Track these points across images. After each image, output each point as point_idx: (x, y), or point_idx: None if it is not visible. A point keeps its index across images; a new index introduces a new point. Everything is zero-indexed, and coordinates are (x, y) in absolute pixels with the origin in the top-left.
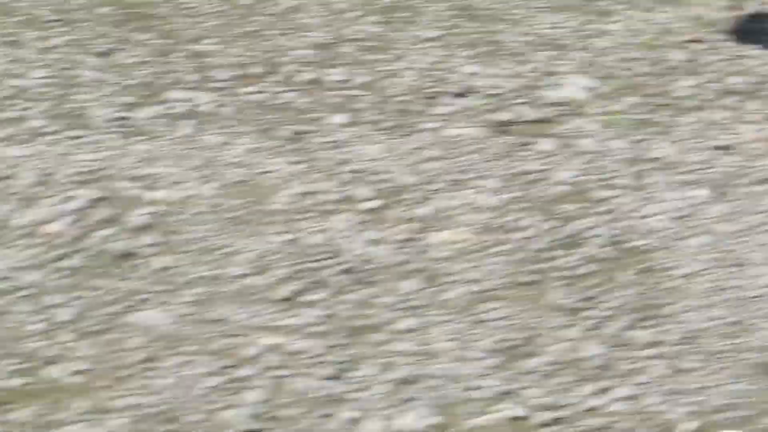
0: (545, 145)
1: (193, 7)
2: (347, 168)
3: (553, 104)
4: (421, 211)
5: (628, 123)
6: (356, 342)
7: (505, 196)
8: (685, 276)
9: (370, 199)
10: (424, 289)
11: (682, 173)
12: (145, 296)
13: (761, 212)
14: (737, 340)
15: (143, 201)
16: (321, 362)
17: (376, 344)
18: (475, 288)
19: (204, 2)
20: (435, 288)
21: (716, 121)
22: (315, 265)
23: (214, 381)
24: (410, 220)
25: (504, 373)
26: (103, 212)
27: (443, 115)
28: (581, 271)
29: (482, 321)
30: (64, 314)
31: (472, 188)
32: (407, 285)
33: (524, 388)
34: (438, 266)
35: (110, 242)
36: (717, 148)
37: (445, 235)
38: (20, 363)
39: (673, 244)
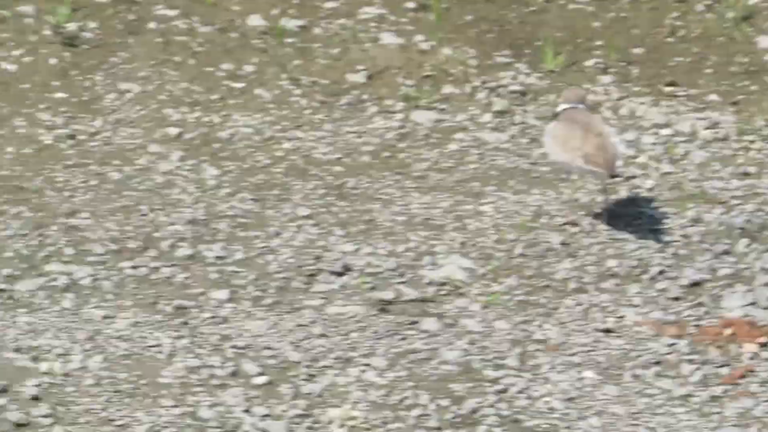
0: (428, 324)
1: (64, 181)
2: (231, 344)
3: (432, 284)
4: (310, 387)
5: (508, 303)
6: None
7: (392, 375)
8: None
9: (258, 375)
10: None
11: (568, 355)
12: None
13: (651, 395)
14: None
15: (32, 372)
16: None
17: None
18: None
19: (75, 176)
20: None
21: (598, 304)
22: None
23: None
24: (301, 396)
25: None
26: None
27: (324, 292)
28: None
29: None
30: None
31: (359, 366)
32: None
33: None
34: None
35: (4, 412)
36: (601, 330)
37: (337, 412)
38: None
39: (568, 424)
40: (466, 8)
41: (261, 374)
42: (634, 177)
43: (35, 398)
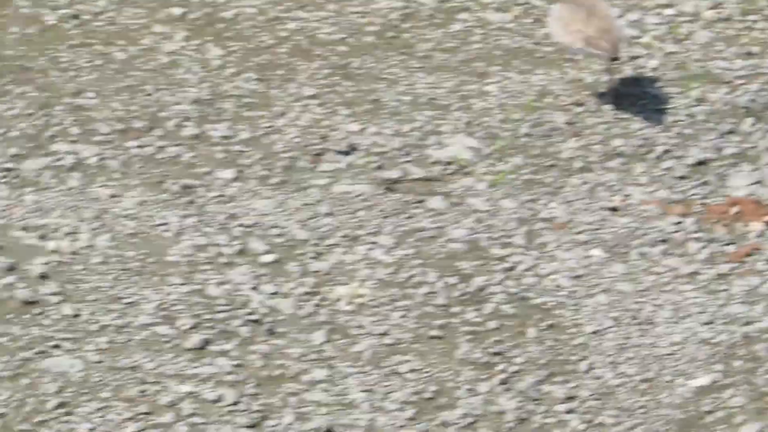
0: (435, 203)
1: (69, 61)
2: (238, 222)
3: (438, 163)
4: (317, 265)
5: (514, 182)
6: (270, 392)
7: (400, 253)
8: (592, 333)
9: (265, 253)
10: (332, 341)
11: (575, 234)
12: (54, 343)
13: (658, 273)
14: (650, 397)
15: (39, 251)
16: (237, 411)
17: (290, 394)
18: (383, 341)
19: (79, 56)
20: (343, 340)
21: (604, 183)
22: (220, 315)
23: (133, 427)
24: (308, 274)
25: (421, 425)
26: (1, 261)
27: (330, 172)
28: (487, 326)
29: (395, 373)
30: None
31: (366, 244)
32: (314, 337)
33: None
34: (343, 319)
35: (13, 290)
36: (607, 209)
37: (345, 289)
38: None
39: (576, 302)
40: None
41: (268, 252)
42: (638, 57)
43: (43, 276)
